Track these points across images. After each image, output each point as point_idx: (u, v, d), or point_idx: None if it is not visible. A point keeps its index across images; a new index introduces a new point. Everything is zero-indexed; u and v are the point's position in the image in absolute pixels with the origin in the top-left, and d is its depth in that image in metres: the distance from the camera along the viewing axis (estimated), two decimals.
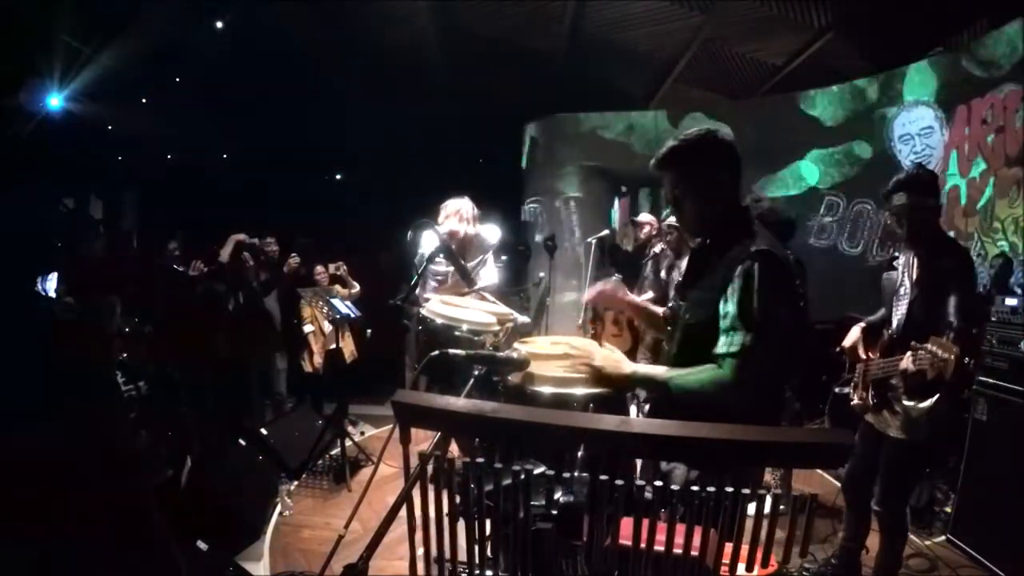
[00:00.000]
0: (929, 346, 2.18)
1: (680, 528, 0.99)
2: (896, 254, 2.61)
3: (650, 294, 5.00)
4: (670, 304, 1.92)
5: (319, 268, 5.48)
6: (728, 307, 1.59)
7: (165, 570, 0.99)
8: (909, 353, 2.27)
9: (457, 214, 4.13)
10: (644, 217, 5.50)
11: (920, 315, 2.39)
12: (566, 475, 1.01)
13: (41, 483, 0.87)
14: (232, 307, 4.48)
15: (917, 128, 5.71)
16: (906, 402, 2.40)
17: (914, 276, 2.46)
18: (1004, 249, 4.66)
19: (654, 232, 5.23)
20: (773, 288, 1.57)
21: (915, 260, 2.48)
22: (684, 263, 1.93)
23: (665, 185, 1.84)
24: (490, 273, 4.17)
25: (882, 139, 6.07)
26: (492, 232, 4.24)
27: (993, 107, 4.88)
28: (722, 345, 1.58)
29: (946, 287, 2.31)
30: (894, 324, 2.50)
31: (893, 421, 2.44)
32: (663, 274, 4.74)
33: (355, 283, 5.60)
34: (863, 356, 2.63)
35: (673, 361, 1.81)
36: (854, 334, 2.70)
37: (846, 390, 2.69)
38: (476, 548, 1.08)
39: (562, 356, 1.92)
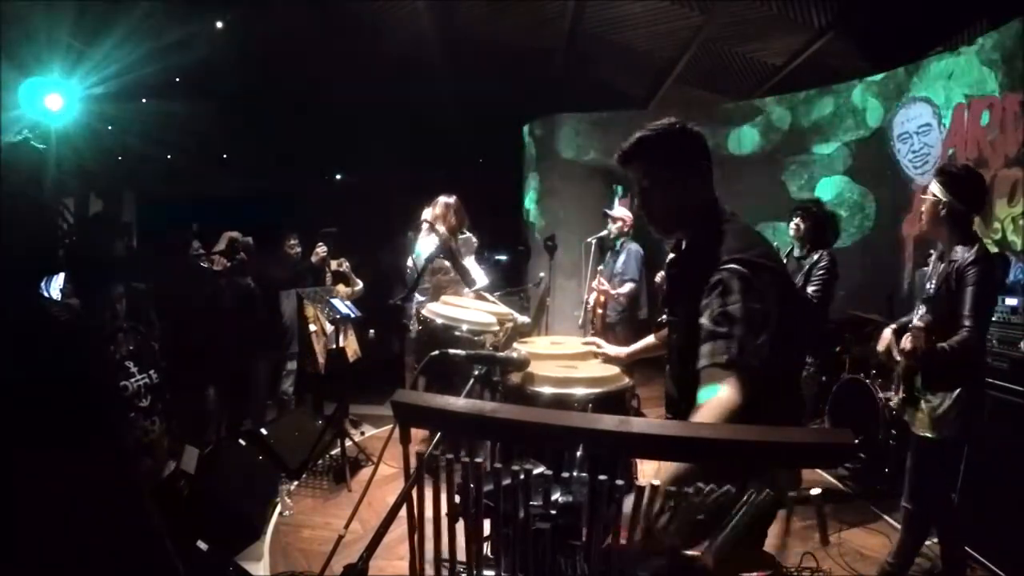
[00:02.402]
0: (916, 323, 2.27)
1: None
2: (931, 251, 2.64)
3: (627, 287, 5.01)
4: (662, 318, 1.88)
5: None
6: (706, 316, 1.47)
7: (162, 569, 0.99)
8: (906, 335, 2.34)
9: (449, 214, 4.19)
10: (618, 211, 5.42)
11: (938, 312, 2.41)
12: (565, 475, 1.01)
13: (36, 481, 0.87)
14: (244, 304, 4.49)
15: (915, 126, 5.70)
16: (930, 398, 2.42)
17: (938, 273, 2.48)
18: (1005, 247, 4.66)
19: (626, 228, 5.21)
20: (750, 289, 1.45)
21: (940, 257, 2.50)
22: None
23: (632, 181, 1.75)
24: (479, 274, 4.22)
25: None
26: (472, 237, 4.34)
27: (992, 107, 4.88)
28: (705, 356, 1.42)
29: (962, 285, 2.33)
30: (915, 319, 2.52)
31: (919, 418, 2.47)
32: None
33: (358, 280, 5.60)
34: (897, 358, 2.64)
35: (681, 380, 1.71)
36: (886, 337, 2.70)
37: (889, 394, 2.69)
38: (476, 548, 1.08)
39: (562, 356, 1.93)
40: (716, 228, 1.60)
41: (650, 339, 2.21)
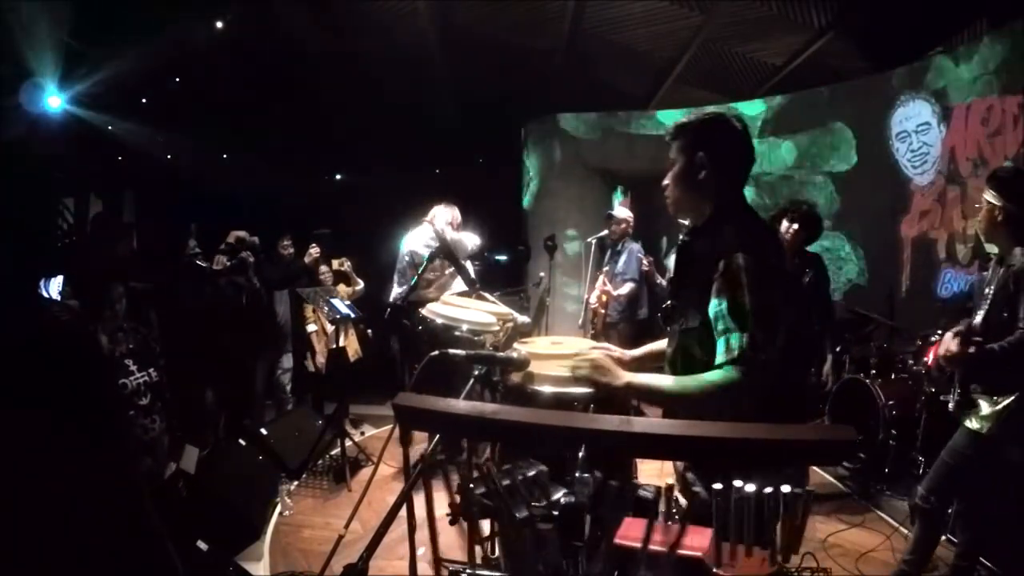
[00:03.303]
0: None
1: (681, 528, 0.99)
2: (991, 256, 2.61)
3: (627, 288, 5.06)
4: (665, 304, 1.89)
5: (323, 267, 5.49)
6: (717, 308, 1.51)
7: (162, 569, 0.99)
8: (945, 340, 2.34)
9: (444, 215, 4.29)
10: (620, 212, 5.45)
11: (995, 318, 2.39)
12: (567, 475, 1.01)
13: (36, 481, 0.87)
14: (244, 303, 4.50)
15: (914, 125, 5.68)
16: (988, 399, 2.41)
17: (997, 278, 2.46)
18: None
19: (629, 230, 5.24)
20: (761, 282, 1.49)
21: (1000, 262, 2.48)
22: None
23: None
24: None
25: None
26: (471, 238, 4.38)
27: (992, 108, 4.87)
28: (721, 353, 1.48)
29: (1020, 288, 2.31)
30: (973, 323, 2.50)
31: (974, 418, 2.45)
32: None
33: (359, 280, 5.61)
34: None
35: (671, 365, 1.75)
36: (949, 343, 2.68)
37: (948, 397, 2.66)
38: (476, 548, 1.08)
39: (562, 356, 1.92)
40: (731, 221, 1.64)
41: (658, 345, 2.07)
